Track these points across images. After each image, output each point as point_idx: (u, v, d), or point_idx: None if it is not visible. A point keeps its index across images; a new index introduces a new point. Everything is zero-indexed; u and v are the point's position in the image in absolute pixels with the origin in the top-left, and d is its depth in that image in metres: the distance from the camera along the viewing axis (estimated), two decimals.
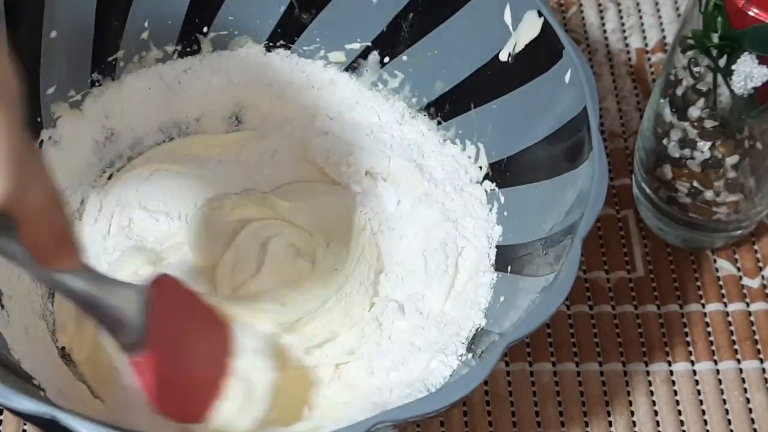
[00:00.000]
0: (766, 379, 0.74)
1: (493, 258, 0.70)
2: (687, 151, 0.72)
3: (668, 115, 0.72)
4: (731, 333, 0.76)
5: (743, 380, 0.74)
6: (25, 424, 0.70)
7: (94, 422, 0.52)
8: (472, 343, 0.67)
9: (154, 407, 0.59)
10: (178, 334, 0.61)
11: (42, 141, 0.72)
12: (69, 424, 0.52)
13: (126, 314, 0.57)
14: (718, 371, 0.74)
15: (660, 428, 0.72)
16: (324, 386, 0.69)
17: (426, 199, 0.74)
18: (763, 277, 0.78)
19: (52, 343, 0.68)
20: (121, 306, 0.57)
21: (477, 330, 0.67)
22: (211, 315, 0.64)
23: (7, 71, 0.50)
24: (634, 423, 0.72)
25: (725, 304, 0.77)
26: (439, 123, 0.75)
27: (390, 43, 0.75)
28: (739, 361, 0.74)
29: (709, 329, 0.76)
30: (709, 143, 0.71)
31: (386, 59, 0.76)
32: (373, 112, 0.77)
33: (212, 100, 0.77)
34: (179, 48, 0.76)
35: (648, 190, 0.77)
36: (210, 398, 0.61)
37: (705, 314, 0.76)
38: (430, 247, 0.73)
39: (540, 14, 0.67)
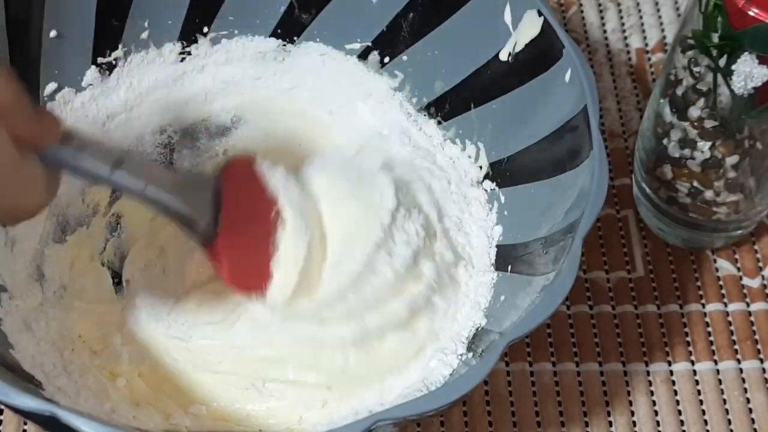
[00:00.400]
0: (766, 379, 0.74)
1: (494, 257, 0.70)
2: (687, 151, 0.72)
3: (668, 115, 0.72)
4: (731, 333, 0.75)
5: (743, 380, 0.74)
6: (25, 424, 0.70)
7: (94, 419, 0.52)
8: (473, 343, 0.67)
9: (228, 283, 0.66)
10: (243, 216, 0.66)
11: None
12: (69, 421, 0.52)
13: (199, 216, 0.63)
14: (718, 371, 0.74)
15: (660, 428, 0.72)
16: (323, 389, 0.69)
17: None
18: (763, 277, 0.78)
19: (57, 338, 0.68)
20: (194, 210, 0.63)
21: (477, 329, 0.67)
22: (266, 194, 0.67)
23: None
24: (634, 423, 0.72)
25: (725, 304, 0.77)
26: (439, 123, 0.75)
27: (390, 42, 0.75)
28: (739, 361, 0.74)
29: (709, 329, 0.76)
30: (709, 143, 0.71)
31: (386, 59, 0.75)
32: None
33: (212, 99, 0.77)
34: (179, 48, 0.76)
35: (648, 190, 0.77)
36: (268, 268, 0.66)
37: (705, 314, 0.76)
38: None
39: (540, 14, 0.67)
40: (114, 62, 0.74)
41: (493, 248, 0.70)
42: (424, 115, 0.76)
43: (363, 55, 0.76)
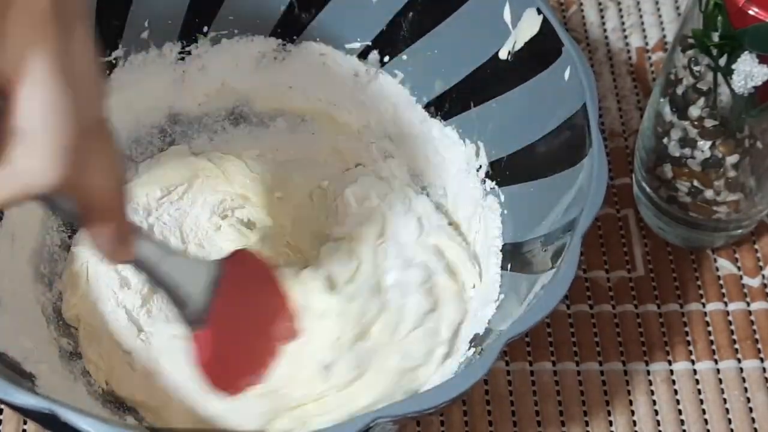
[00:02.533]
0: (766, 378, 0.74)
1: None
2: (687, 151, 0.72)
3: (668, 114, 0.72)
4: (731, 332, 0.75)
5: (743, 380, 0.74)
6: (25, 423, 0.70)
7: (93, 417, 0.52)
8: (473, 341, 0.67)
9: (203, 378, 0.62)
10: (241, 311, 0.63)
11: None
12: (68, 419, 0.52)
13: (191, 295, 0.60)
14: (718, 371, 0.74)
15: (660, 428, 0.72)
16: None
17: None
18: (763, 276, 0.78)
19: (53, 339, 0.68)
20: (188, 287, 0.60)
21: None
22: (277, 294, 0.66)
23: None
24: (634, 422, 0.72)
25: (725, 304, 0.76)
26: (439, 122, 0.75)
27: (390, 42, 0.75)
28: (739, 360, 0.74)
29: (710, 329, 0.76)
30: (709, 142, 0.71)
31: (386, 58, 0.76)
32: None
33: (212, 99, 0.77)
34: (179, 47, 0.76)
35: (648, 190, 0.77)
36: (255, 373, 0.64)
37: (705, 313, 0.76)
38: None
39: (539, 12, 0.67)
40: (114, 61, 0.74)
41: (495, 247, 0.71)
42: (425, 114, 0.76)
43: (363, 55, 0.76)
